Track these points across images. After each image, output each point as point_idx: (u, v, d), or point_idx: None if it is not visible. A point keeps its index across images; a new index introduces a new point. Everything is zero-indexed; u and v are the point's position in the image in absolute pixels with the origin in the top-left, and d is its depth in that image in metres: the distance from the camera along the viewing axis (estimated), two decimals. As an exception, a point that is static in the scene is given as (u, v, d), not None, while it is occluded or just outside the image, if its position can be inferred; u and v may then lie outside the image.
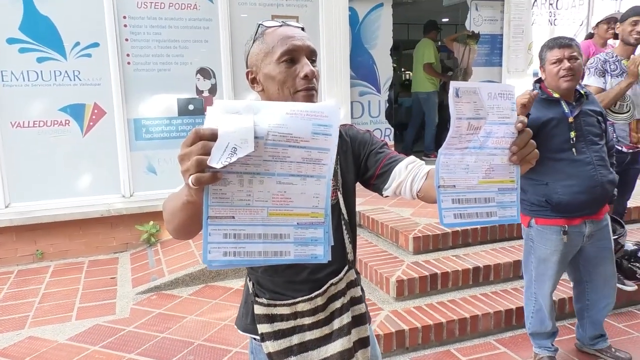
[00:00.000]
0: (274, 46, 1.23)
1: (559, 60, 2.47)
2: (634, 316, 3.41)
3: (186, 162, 0.85)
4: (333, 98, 5.41)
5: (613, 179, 2.54)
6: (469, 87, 0.94)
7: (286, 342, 1.29)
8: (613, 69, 3.30)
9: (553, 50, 2.49)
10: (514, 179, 1.03)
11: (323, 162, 0.89)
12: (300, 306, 1.29)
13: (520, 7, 6.03)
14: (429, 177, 1.24)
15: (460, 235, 3.90)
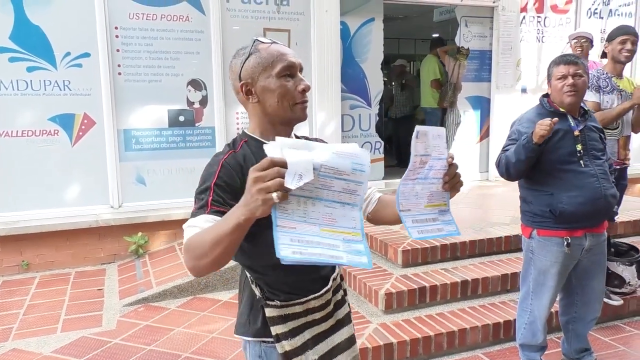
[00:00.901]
0: (273, 61, 1.35)
1: (563, 77, 2.54)
2: (620, 330, 3.43)
3: (265, 183, 1.01)
4: (324, 111, 5.44)
5: (614, 193, 2.60)
6: (424, 130, 1.24)
7: (301, 338, 1.38)
8: (604, 86, 3.36)
9: (559, 67, 2.57)
10: (446, 202, 1.33)
11: (357, 192, 1.14)
12: (312, 303, 1.40)
13: (509, 24, 6.13)
14: (378, 202, 1.49)
15: (449, 248, 3.92)
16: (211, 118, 5.03)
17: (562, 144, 2.51)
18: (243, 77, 1.37)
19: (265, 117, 1.40)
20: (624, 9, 6.65)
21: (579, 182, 2.49)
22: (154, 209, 4.79)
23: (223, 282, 4.10)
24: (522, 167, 2.52)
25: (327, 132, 5.52)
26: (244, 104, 1.44)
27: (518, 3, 6.13)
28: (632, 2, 6.67)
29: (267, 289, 1.38)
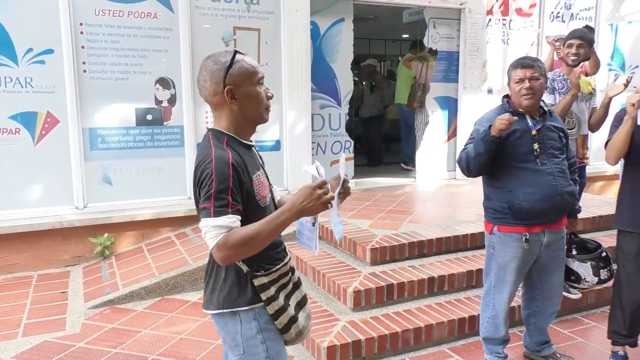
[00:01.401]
0: (253, 71, 1.67)
1: (521, 80, 2.62)
2: (579, 322, 3.55)
3: (325, 196, 1.52)
4: (294, 110, 5.45)
5: (572, 191, 2.68)
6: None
7: (281, 297, 1.73)
8: (560, 87, 3.49)
9: (517, 70, 2.64)
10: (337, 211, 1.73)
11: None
12: (282, 269, 1.76)
13: (476, 26, 6.26)
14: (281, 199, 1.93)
15: (417, 246, 3.98)
16: (180, 117, 4.98)
17: (520, 143, 2.58)
18: (228, 82, 1.62)
19: (242, 118, 1.68)
20: (585, 13, 6.87)
21: (535, 179, 2.57)
22: (120, 210, 4.71)
23: (191, 283, 4.06)
24: (481, 160, 2.58)
25: (297, 131, 5.53)
26: (219, 105, 1.66)
27: (484, 6, 6.26)
28: (592, 7, 6.89)
29: (254, 264, 1.66)
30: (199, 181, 1.57)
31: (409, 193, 5.89)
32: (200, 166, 1.58)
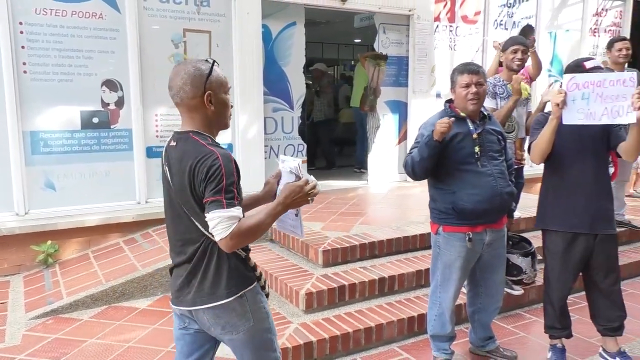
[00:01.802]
0: (225, 81, 1.87)
1: (467, 85, 2.71)
2: (521, 318, 3.71)
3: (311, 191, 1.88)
4: (246, 114, 5.42)
5: (511, 191, 2.80)
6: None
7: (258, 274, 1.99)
8: (501, 92, 3.62)
9: (463, 75, 2.74)
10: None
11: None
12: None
13: (424, 32, 6.43)
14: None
15: (368, 247, 4.05)
16: (128, 120, 4.86)
17: (461, 146, 2.68)
18: (208, 88, 1.80)
19: (215, 121, 1.87)
20: (526, 21, 7.19)
21: (477, 181, 2.68)
22: (65, 216, 4.54)
23: (141, 290, 3.97)
24: (426, 164, 2.66)
25: (249, 134, 5.50)
26: (195, 108, 1.82)
27: (432, 12, 6.45)
28: (532, 16, 7.22)
29: (246, 247, 1.92)
30: (206, 177, 1.71)
31: (361, 195, 5.98)
32: (203, 163, 1.71)
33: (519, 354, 3.12)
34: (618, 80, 2.60)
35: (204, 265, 1.84)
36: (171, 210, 1.91)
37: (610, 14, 7.98)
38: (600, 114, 2.62)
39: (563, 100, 2.65)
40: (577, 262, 2.89)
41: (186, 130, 1.84)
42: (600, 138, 2.81)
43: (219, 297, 1.83)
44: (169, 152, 1.89)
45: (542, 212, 2.99)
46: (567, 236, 2.86)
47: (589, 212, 2.82)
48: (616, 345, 2.97)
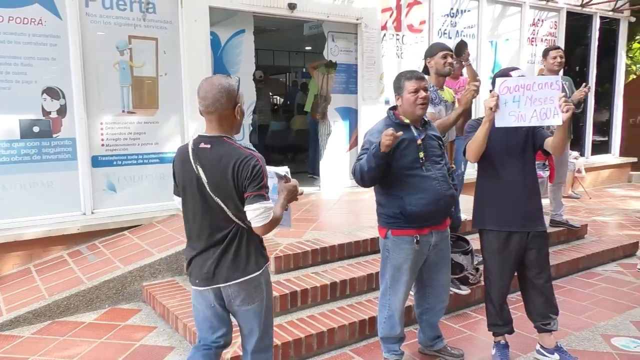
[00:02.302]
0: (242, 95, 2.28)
1: (416, 90, 2.79)
2: (468, 317, 3.84)
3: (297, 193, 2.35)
4: (195, 121, 5.37)
5: (453, 194, 2.91)
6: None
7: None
8: (434, 98, 3.69)
9: (411, 81, 2.81)
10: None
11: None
12: None
13: (371, 40, 6.57)
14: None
15: (320, 252, 4.09)
16: (71, 128, 4.72)
17: (407, 152, 2.76)
18: (238, 101, 2.20)
19: (235, 128, 2.27)
20: (468, 30, 7.48)
21: (422, 185, 2.77)
22: (3, 229, 4.35)
23: (86, 303, 3.84)
24: (374, 174, 2.72)
25: (199, 142, 5.45)
26: (226, 117, 2.18)
27: (379, 21, 6.60)
28: (474, 25, 7.52)
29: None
30: (250, 174, 2.11)
31: (313, 202, 6.02)
32: (247, 163, 2.11)
33: (465, 351, 3.23)
34: (546, 84, 2.75)
35: (235, 246, 2.23)
36: (201, 204, 2.21)
37: (546, 24, 8.42)
38: (530, 116, 2.77)
39: (496, 103, 2.78)
40: (513, 260, 3.04)
41: (217, 135, 2.19)
42: (525, 140, 2.99)
43: (249, 272, 2.25)
44: (200, 153, 2.19)
45: (478, 213, 3.12)
46: (502, 235, 3.00)
47: (521, 211, 2.98)
48: (553, 341, 3.12)
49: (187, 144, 2.25)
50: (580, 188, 8.74)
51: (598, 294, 4.21)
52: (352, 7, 6.34)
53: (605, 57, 9.46)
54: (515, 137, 2.97)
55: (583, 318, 3.73)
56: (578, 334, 3.48)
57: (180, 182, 2.30)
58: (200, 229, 2.24)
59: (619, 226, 6.44)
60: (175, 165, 2.31)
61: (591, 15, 8.98)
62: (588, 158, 9.35)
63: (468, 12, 7.45)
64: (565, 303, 4.01)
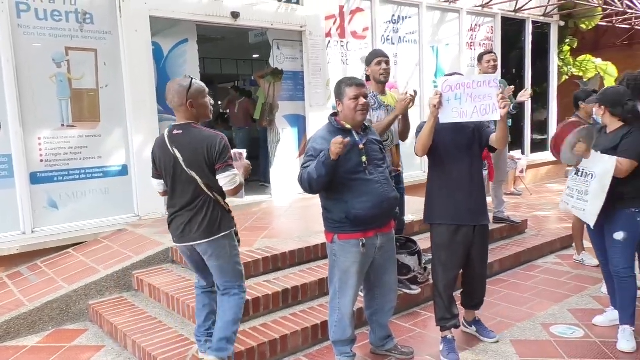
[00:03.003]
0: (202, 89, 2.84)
1: (356, 97, 2.85)
2: (418, 315, 3.94)
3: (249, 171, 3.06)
4: (140, 133, 5.26)
5: (396, 196, 2.99)
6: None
7: None
8: (373, 104, 3.77)
9: (352, 88, 2.87)
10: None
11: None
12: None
13: (317, 47, 6.65)
14: None
15: (271, 260, 4.09)
16: (6, 144, 4.54)
17: (350, 157, 2.82)
18: (189, 97, 2.74)
19: (197, 117, 2.82)
20: (410, 36, 7.70)
21: (366, 189, 2.83)
22: None
23: (28, 327, 3.68)
24: (323, 181, 2.78)
25: (145, 154, 5.33)
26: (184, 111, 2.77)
27: (323, 29, 6.69)
28: (415, 31, 7.75)
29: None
30: (219, 149, 2.72)
31: (264, 209, 6.02)
32: (215, 141, 2.73)
33: (416, 349, 3.32)
34: (484, 82, 2.96)
35: (204, 212, 2.80)
36: (178, 178, 2.80)
37: (483, 29, 8.79)
38: (471, 112, 2.97)
39: (439, 101, 2.97)
40: (460, 252, 3.20)
41: (186, 123, 2.78)
42: (472, 138, 3.16)
43: (214, 234, 2.82)
44: (174, 138, 2.77)
45: (429, 208, 3.28)
46: (451, 228, 3.16)
47: (468, 206, 3.15)
48: (473, 315, 3.52)
49: (163, 134, 2.84)
50: (522, 185, 9.14)
51: (538, 285, 4.42)
52: (295, 15, 6.40)
53: (540, 59, 9.97)
54: (462, 135, 3.13)
55: (525, 309, 3.90)
56: (520, 324, 3.64)
57: (160, 165, 2.87)
58: (180, 198, 2.84)
59: (557, 220, 6.78)
60: (155, 153, 2.90)
61: (524, 20, 9.45)
62: (528, 156, 9.79)
63: (409, 18, 7.67)
64: (509, 296, 4.19)
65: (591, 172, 3.29)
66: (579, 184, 3.39)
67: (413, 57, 7.75)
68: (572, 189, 3.47)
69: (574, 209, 3.48)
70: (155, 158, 2.90)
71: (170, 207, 2.91)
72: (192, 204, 2.79)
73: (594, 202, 3.26)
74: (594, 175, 3.26)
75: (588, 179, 3.31)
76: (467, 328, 3.54)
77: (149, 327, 3.55)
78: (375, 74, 3.78)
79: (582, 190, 3.37)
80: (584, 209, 3.34)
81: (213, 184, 2.78)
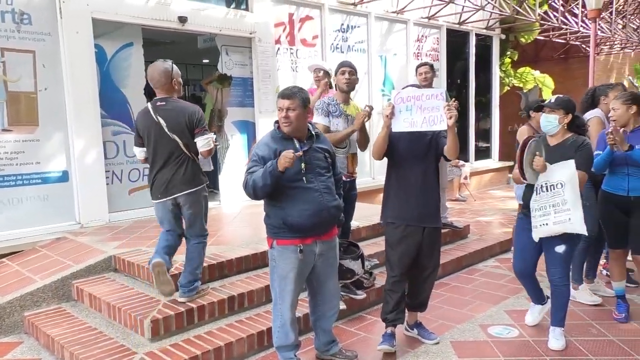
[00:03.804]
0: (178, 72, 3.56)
1: (280, 109, 2.89)
2: (363, 319, 4.00)
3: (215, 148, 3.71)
4: (82, 138, 5.11)
5: (338, 205, 3.03)
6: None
7: None
8: (334, 111, 3.89)
9: (279, 100, 2.91)
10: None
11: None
12: None
13: (266, 54, 6.67)
14: None
15: (217, 267, 4.06)
16: None
17: None
18: (174, 76, 3.48)
19: (178, 93, 3.55)
20: (359, 45, 7.85)
21: (304, 197, 2.87)
22: None
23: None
24: (268, 190, 2.82)
25: (87, 160, 5.19)
26: (168, 89, 3.49)
27: (272, 35, 6.72)
28: (364, 40, 7.91)
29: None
30: (197, 118, 3.46)
31: (213, 216, 5.89)
32: (195, 111, 3.48)
33: (360, 352, 3.37)
34: (432, 95, 3.13)
35: (183, 169, 3.47)
36: (161, 141, 3.45)
37: (429, 40, 9.08)
38: (421, 122, 3.13)
39: (391, 112, 3.14)
40: (411, 251, 3.33)
41: (166, 97, 3.48)
42: (428, 146, 3.30)
43: (192, 187, 3.52)
44: (158, 108, 3.45)
45: (384, 209, 3.43)
46: (401, 228, 3.31)
47: (419, 208, 3.30)
48: (415, 318, 3.61)
49: (147, 106, 3.50)
50: (467, 192, 9.47)
51: (478, 288, 4.60)
52: (244, 21, 6.40)
53: (483, 70, 10.39)
54: (419, 144, 3.28)
55: (465, 311, 4.05)
56: (460, 326, 3.78)
57: (143, 132, 3.50)
58: (163, 158, 3.47)
59: (498, 225, 7.07)
60: (138, 123, 3.55)
61: (468, 32, 9.83)
62: (472, 163, 10.16)
63: (358, 27, 7.82)
64: (450, 299, 4.33)
65: (557, 182, 3.19)
66: (550, 199, 3.22)
67: (362, 66, 7.88)
68: (545, 207, 3.24)
69: (556, 225, 3.21)
70: (138, 127, 3.54)
71: (153, 169, 3.53)
72: (174, 161, 3.45)
73: (577, 209, 3.17)
74: (563, 184, 3.17)
75: (558, 189, 3.19)
76: (409, 332, 3.64)
77: (88, 338, 3.44)
78: (339, 83, 3.95)
79: (556, 202, 3.19)
80: (569, 218, 3.17)
81: (191, 145, 3.47)
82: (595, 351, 3.35)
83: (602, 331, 3.63)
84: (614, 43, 13.49)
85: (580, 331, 3.63)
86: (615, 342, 3.47)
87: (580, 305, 4.08)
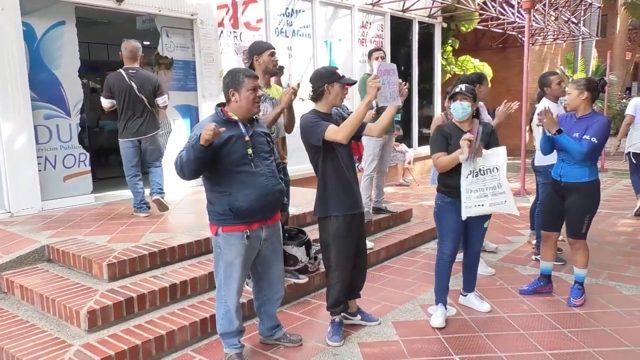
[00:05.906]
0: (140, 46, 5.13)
1: (254, 89, 2.84)
2: (307, 304, 4.03)
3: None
4: (10, 122, 4.81)
5: (282, 189, 3.02)
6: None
7: None
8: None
9: (250, 79, 2.84)
10: None
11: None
12: None
13: (208, 37, 6.51)
14: None
15: (158, 255, 3.96)
16: None
17: (235, 149, 2.81)
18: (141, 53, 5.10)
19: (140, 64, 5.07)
20: (304, 30, 7.81)
21: (251, 181, 2.84)
22: None
23: None
24: (193, 166, 2.69)
25: (16, 145, 4.90)
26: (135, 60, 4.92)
27: (215, 18, 6.56)
28: (309, 25, 7.88)
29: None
30: (159, 84, 5.03)
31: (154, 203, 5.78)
32: (157, 78, 5.07)
33: (305, 336, 3.40)
34: (392, 70, 3.16)
35: (149, 118, 4.86)
36: (133, 99, 4.78)
37: (373, 27, 9.16)
38: (388, 97, 3.16)
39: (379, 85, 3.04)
40: (356, 240, 3.36)
41: (135, 67, 4.82)
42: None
43: (155, 130, 4.93)
44: (131, 74, 4.78)
45: (322, 203, 3.30)
46: (347, 218, 3.27)
47: (355, 194, 3.33)
48: (356, 306, 3.61)
49: (120, 72, 4.78)
50: (410, 177, 9.70)
51: (420, 270, 4.74)
52: (185, 2, 6.21)
53: (425, 58, 10.61)
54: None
55: (406, 292, 4.17)
56: (402, 307, 3.89)
57: (119, 91, 4.76)
58: (137, 111, 4.82)
59: (439, 208, 7.28)
60: (111, 84, 4.78)
61: (411, 20, 9.99)
62: (416, 149, 10.40)
63: (303, 12, 7.77)
64: (393, 281, 4.45)
65: (493, 166, 3.36)
66: (486, 182, 3.37)
67: (307, 50, 7.87)
68: (482, 189, 3.38)
69: (492, 206, 3.41)
70: (111, 86, 4.77)
71: (125, 117, 4.81)
72: (142, 114, 4.83)
73: (509, 192, 3.42)
74: (498, 168, 3.37)
75: (494, 173, 3.36)
76: (352, 319, 3.56)
77: (19, 331, 3.28)
78: (268, 65, 3.76)
79: (493, 185, 3.37)
80: (505, 201, 3.39)
81: (153, 103, 4.89)
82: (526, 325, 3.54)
83: (532, 307, 3.84)
84: (547, 34, 14.12)
85: (513, 307, 3.83)
86: (543, 316, 3.68)
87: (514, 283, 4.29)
